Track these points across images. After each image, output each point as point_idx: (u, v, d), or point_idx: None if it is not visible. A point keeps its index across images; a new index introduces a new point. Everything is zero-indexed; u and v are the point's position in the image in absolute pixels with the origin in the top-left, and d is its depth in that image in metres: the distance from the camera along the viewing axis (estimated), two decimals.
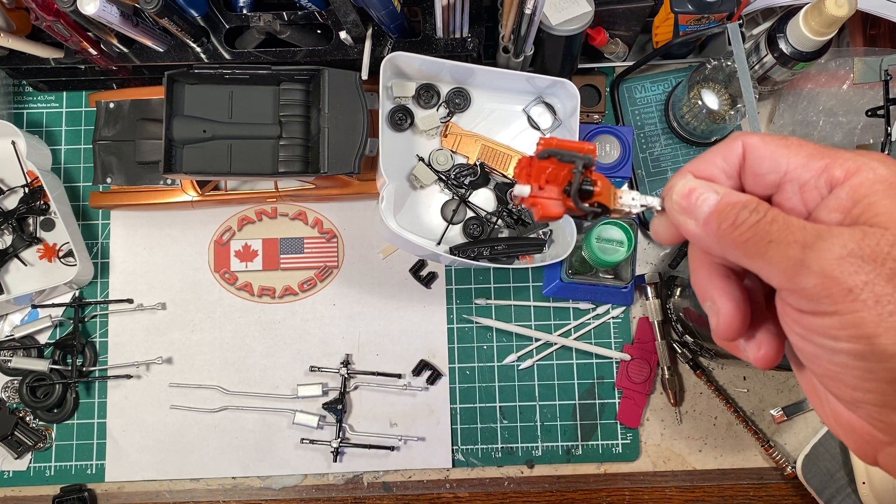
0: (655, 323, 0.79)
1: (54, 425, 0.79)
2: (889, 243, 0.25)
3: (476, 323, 0.81)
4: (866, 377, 0.26)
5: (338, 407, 0.78)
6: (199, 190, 0.77)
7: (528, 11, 0.65)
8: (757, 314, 0.31)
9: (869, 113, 0.74)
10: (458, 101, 0.77)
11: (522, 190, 0.32)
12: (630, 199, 0.32)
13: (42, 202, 0.79)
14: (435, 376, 0.79)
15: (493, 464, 0.79)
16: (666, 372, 0.79)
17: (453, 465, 0.79)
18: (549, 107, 0.78)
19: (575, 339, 0.80)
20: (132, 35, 0.68)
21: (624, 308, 0.81)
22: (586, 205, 0.31)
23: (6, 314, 0.80)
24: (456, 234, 0.77)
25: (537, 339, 0.80)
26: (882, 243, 0.25)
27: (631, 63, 0.81)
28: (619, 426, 0.79)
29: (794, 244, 0.26)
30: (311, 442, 0.78)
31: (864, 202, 0.26)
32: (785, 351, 0.31)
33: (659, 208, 0.32)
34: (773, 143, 0.29)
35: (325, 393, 0.79)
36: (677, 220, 0.30)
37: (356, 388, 0.79)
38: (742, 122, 0.79)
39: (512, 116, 0.78)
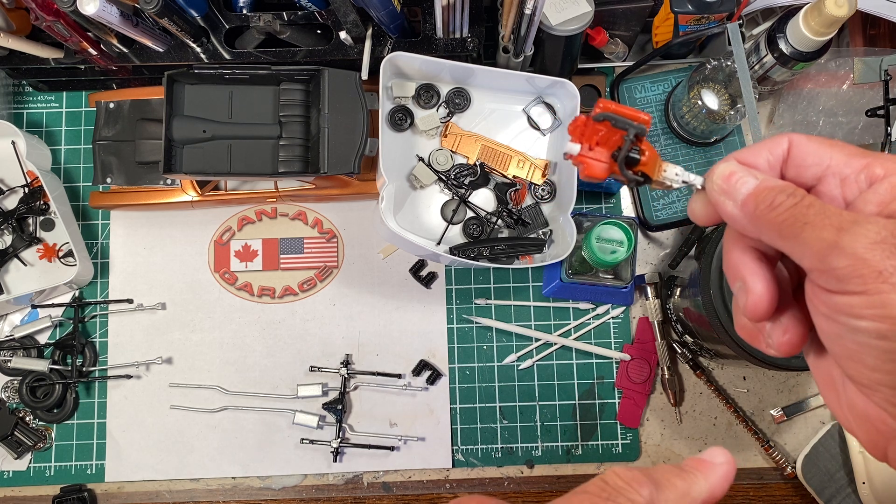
0: (655, 323, 0.79)
1: (54, 425, 0.79)
2: None
3: (476, 323, 0.81)
4: (886, 358, 0.27)
5: (338, 407, 0.78)
6: (199, 190, 0.77)
7: (528, 11, 0.65)
8: (785, 302, 0.32)
9: (869, 113, 0.74)
10: (458, 101, 0.77)
11: (573, 147, 0.33)
12: (673, 174, 0.34)
13: (42, 202, 0.79)
14: (435, 376, 0.79)
15: (493, 464, 0.79)
16: (666, 372, 0.79)
17: (453, 465, 0.79)
18: (549, 107, 0.78)
19: (575, 339, 0.80)
20: (132, 35, 0.68)
21: (624, 308, 0.81)
22: (630, 172, 0.33)
23: (6, 314, 0.80)
24: (456, 234, 0.77)
25: (537, 339, 0.80)
26: None
27: (631, 63, 0.81)
28: (619, 426, 0.79)
29: (829, 227, 0.27)
30: (311, 442, 0.78)
31: None
32: (802, 350, 0.32)
33: (699, 187, 0.33)
34: (818, 141, 0.31)
35: (325, 393, 0.79)
36: (716, 200, 0.31)
37: (356, 388, 0.79)
38: (742, 122, 0.79)
39: (512, 116, 0.78)
